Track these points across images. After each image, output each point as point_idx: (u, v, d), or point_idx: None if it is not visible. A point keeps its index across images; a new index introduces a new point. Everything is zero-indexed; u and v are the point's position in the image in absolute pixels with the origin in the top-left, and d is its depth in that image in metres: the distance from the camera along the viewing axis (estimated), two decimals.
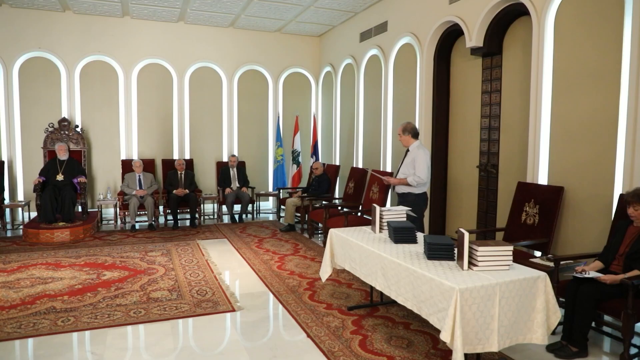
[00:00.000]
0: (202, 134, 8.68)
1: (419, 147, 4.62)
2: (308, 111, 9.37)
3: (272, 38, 8.98)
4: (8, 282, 4.54)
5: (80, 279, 4.65)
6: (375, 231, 3.81)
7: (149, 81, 8.29)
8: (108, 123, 8.08)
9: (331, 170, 7.58)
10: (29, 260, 5.33)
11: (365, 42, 7.49)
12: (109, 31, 7.92)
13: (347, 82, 8.22)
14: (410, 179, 4.48)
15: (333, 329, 3.48)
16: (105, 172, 8.10)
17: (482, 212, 5.44)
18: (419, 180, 4.47)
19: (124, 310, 3.83)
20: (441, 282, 2.52)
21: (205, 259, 5.44)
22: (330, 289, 4.37)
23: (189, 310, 3.86)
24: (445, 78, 5.99)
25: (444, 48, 5.88)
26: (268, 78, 9.08)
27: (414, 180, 4.47)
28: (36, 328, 3.48)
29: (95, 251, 5.75)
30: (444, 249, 2.91)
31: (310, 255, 5.67)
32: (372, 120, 7.35)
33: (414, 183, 4.48)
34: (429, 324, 3.46)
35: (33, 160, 7.59)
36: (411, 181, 4.48)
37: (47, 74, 7.71)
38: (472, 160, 5.58)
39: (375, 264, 3.23)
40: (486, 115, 5.33)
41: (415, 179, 4.47)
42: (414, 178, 4.47)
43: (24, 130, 7.62)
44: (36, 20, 7.52)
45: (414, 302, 2.79)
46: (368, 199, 6.12)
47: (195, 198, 7.40)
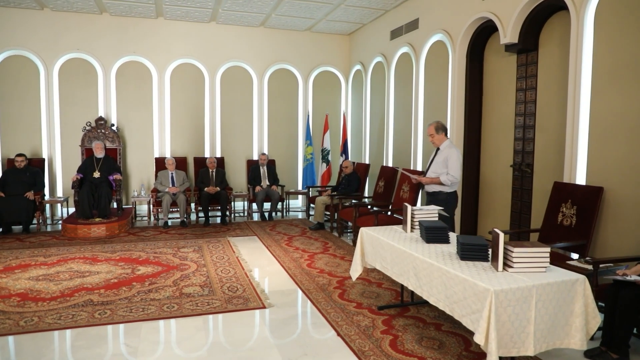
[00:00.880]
0: (233, 132, 8.79)
1: (451, 145, 4.56)
2: (338, 110, 9.36)
3: (302, 37, 9.00)
4: (49, 274, 4.71)
5: (115, 273, 4.78)
6: (406, 230, 3.77)
7: (182, 81, 8.45)
8: (142, 122, 8.28)
9: (361, 169, 7.55)
10: (68, 254, 5.51)
11: (395, 39, 7.42)
12: (143, 32, 8.11)
13: (377, 80, 8.17)
14: (444, 178, 4.43)
15: (363, 328, 3.47)
16: (139, 170, 8.30)
17: (515, 212, 5.32)
18: (453, 180, 4.41)
19: (158, 305, 3.92)
20: (475, 283, 2.47)
21: (235, 255, 5.51)
22: (360, 288, 4.35)
23: (220, 306, 3.92)
24: (478, 76, 5.87)
25: (477, 45, 5.77)
26: (298, 77, 9.12)
27: (448, 180, 4.41)
28: (75, 320, 3.60)
29: (129, 246, 5.90)
30: (477, 250, 2.86)
31: (340, 253, 5.66)
32: (403, 118, 7.28)
33: (448, 182, 4.42)
34: (460, 326, 3.41)
35: (71, 157, 7.86)
36: (445, 180, 4.42)
37: (85, 75, 7.96)
38: (505, 159, 5.45)
39: (407, 264, 3.19)
40: (521, 113, 5.20)
41: (449, 178, 4.41)
42: (448, 177, 4.41)
43: (63, 129, 7.88)
44: (75, 23, 7.76)
45: (446, 303, 2.75)
46: (398, 198, 6.07)
47: (226, 196, 7.50)
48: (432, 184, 4.56)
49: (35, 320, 3.58)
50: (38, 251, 5.64)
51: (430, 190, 4.61)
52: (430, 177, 4.58)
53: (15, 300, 4.00)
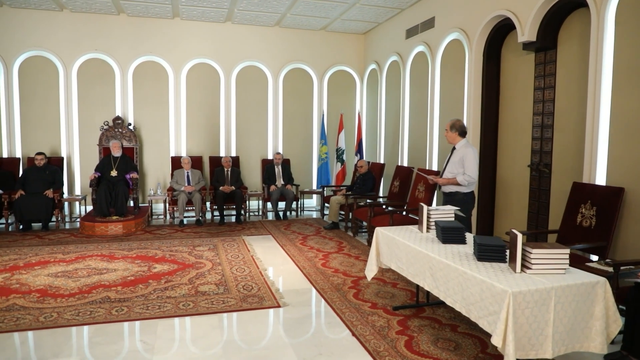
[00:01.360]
0: (248, 131, 8.83)
1: (467, 145, 4.51)
2: (353, 109, 9.34)
3: (317, 36, 9.00)
4: (67, 271, 4.78)
5: (132, 270, 4.84)
6: (422, 231, 3.74)
7: (197, 80, 8.52)
8: (158, 121, 8.37)
9: (376, 169, 7.52)
10: (86, 251, 5.60)
11: (411, 38, 7.37)
12: (160, 32, 8.19)
13: (392, 79, 8.13)
14: (460, 178, 4.38)
15: (378, 328, 3.45)
16: (156, 169, 8.38)
17: (533, 213, 5.24)
18: (470, 180, 4.37)
19: (174, 303, 3.95)
20: (492, 285, 2.44)
21: (250, 254, 5.54)
22: (375, 288, 4.34)
23: (235, 304, 3.94)
24: (495, 74, 5.81)
25: (494, 43, 5.70)
26: (313, 76, 9.12)
27: (465, 180, 4.37)
28: (92, 316, 3.65)
29: (146, 244, 5.97)
30: (495, 251, 2.82)
31: (355, 253, 5.65)
32: (418, 118, 7.23)
33: (465, 182, 4.38)
34: (477, 327, 3.37)
35: (89, 156, 7.97)
36: (461, 180, 4.38)
37: (103, 75, 8.07)
38: (523, 159, 5.38)
39: (423, 264, 3.17)
40: (539, 113, 5.12)
41: (466, 178, 4.37)
42: (464, 177, 4.37)
43: (81, 128, 8.01)
44: (93, 24, 7.88)
45: (462, 304, 2.72)
46: (414, 198, 6.03)
47: (241, 195, 7.54)
48: (449, 185, 4.51)
49: (54, 316, 3.64)
50: (57, 248, 5.73)
51: (447, 191, 4.56)
52: (447, 177, 4.54)
53: (35, 296, 4.07)
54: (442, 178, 4.57)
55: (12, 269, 4.87)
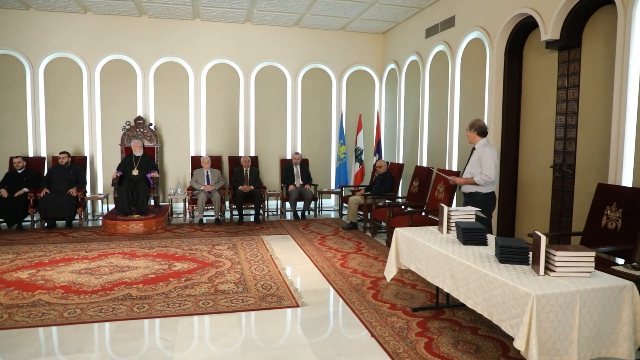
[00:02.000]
0: (267, 131, 8.87)
1: (486, 144, 4.46)
2: (371, 109, 9.30)
3: (336, 36, 8.99)
4: (90, 268, 4.87)
5: (153, 268, 4.90)
6: (442, 231, 3.71)
7: (217, 81, 8.59)
8: (179, 121, 8.47)
9: (395, 169, 7.48)
10: (108, 249, 5.69)
11: (431, 38, 7.31)
12: (180, 34, 8.28)
13: (411, 79, 8.07)
14: (477, 178, 4.33)
15: (397, 329, 3.43)
16: (176, 168, 8.48)
17: (555, 214, 5.15)
18: (487, 179, 4.31)
19: (194, 301, 3.99)
20: (515, 287, 2.40)
21: (269, 254, 5.56)
22: (394, 289, 4.31)
23: (255, 303, 3.96)
24: (517, 74, 5.72)
25: (516, 42, 5.62)
26: (332, 76, 9.12)
27: (482, 179, 4.32)
28: (115, 313, 3.71)
29: (166, 243, 6.04)
30: (517, 252, 2.78)
31: (373, 254, 5.63)
32: (438, 118, 7.17)
33: (482, 182, 4.33)
34: (498, 330, 3.33)
35: (111, 155, 8.11)
36: (478, 180, 4.33)
37: (125, 75, 8.20)
38: (545, 160, 5.28)
39: (443, 266, 3.14)
40: (562, 112, 5.03)
41: (483, 178, 4.31)
42: (481, 177, 4.32)
43: (104, 128, 8.15)
44: (116, 26, 8.01)
45: (484, 306, 2.68)
46: (433, 198, 5.98)
47: (260, 194, 7.58)
48: (468, 185, 4.47)
49: (77, 312, 3.72)
50: (80, 246, 5.85)
51: (467, 191, 4.51)
52: (465, 177, 4.49)
53: (59, 292, 4.16)
54: (461, 178, 4.53)
55: (38, 265, 4.99)
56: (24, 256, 5.34)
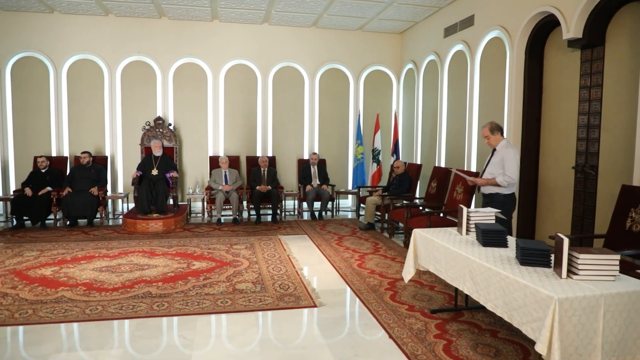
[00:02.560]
0: (284, 131, 8.90)
1: (508, 145, 4.41)
2: (389, 109, 9.27)
3: (354, 36, 8.98)
4: (111, 266, 4.96)
5: (172, 267, 4.96)
6: (461, 233, 3.67)
7: (235, 81, 8.65)
8: (197, 121, 8.55)
9: (412, 169, 7.43)
10: (128, 247, 5.78)
11: (449, 37, 7.24)
12: (199, 35, 8.37)
13: (429, 79, 8.01)
14: (500, 179, 4.28)
15: (416, 331, 3.41)
16: (194, 168, 8.57)
17: (577, 216, 5.05)
18: (510, 181, 4.26)
19: (212, 300, 4.02)
20: (537, 290, 2.37)
21: (286, 254, 5.58)
22: (412, 290, 4.28)
23: (272, 303, 3.97)
24: (538, 73, 5.63)
25: (537, 41, 5.53)
26: (349, 76, 9.10)
27: (504, 181, 4.27)
28: (135, 310, 3.77)
29: (185, 242, 6.11)
30: (539, 255, 2.73)
31: (391, 255, 5.60)
32: (456, 118, 7.10)
33: (505, 183, 4.28)
34: (518, 333, 3.28)
35: (131, 155, 8.23)
36: (501, 181, 4.28)
37: (145, 76, 8.31)
38: (567, 161, 5.19)
39: (463, 267, 3.11)
40: (584, 112, 4.93)
41: (506, 179, 4.26)
42: (504, 178, 4.27)
43: (124, 128, 8.28)
44: (136, 27, 8.13)
45: (504, 309, 2.65)
46: (452, 199, 5.93)
47: (277, 194, 7.61)
48: (488, 186, 4.42)
49: (99, 309, 3.78)
50: (101, 244, 5.95)
51: (487, 192, 4.47)
52: (486, 178, 4.44)
53: (81, 289, 4.24)
54: (481, 179, 4.48)
55: (60, 262, 5.09)
56: (47, 253, 5.46)
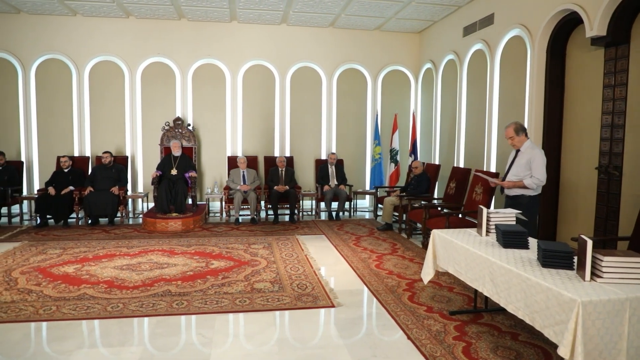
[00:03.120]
0: (302, 132, 8.92)
1: (533, 146, 4.34)
2: (407, 109, 9.21)
3: (371, 36, 8.95)
4: (131, 265, 5.03)
5: (191, 266, 5.01)
6: (481, 234, 3.63)
7: (253, 82, 8.70)
8: (216, 122, 8.63)
9: (431, 170, 7.37)
10: (148, 246, 5.86)
11: (469, 36, 7.17)
12: (217, 36, 8.44)
13: (448, 78, 7.94)
14: (528, 181, 4.21)
15: (434, 332, 3.38)
16: (213, 168, 8.65)
17: (600, 218, 4.95)
18: (538, 182, 4.20)
19: (231, 299, 4.05)
20: (560, 293, 2.33)
21: (304, 254, 5.59)
22: (431, 292, 4.25)
23: (290, 303, 3.98)
24: (559, 72, 5.54)
25: (559, 39, 5.44)
26: (367, 76, 9.08)
27: (533, 183, 4.20)
28: (155, 308, 3.81)
29: (203, 241, 6.16)
30: (561, 257, 2.68)
31: (409, 255, 5.57)
32: (476, 118, 7.03)
33: (533, 185, 4.21)
34: (539, 337, 3.23)
35: (151, 155, 8.35)
36: (529, 183, 4.21)
37: (164, 77, 8.43)
38: (590, 162, 5.09)
39: (483, 269, 3.07)
40: (608, 112, 4.83)
41: (534, 181, 4.20)
42: (533, 180, 4.20)
43: (144, 128, 8.40)
44: (156, 29, 8.24)
45: (526, 311, 2.61)
46: (471, 200, 5.86)
47: (295, 194, 7.63)
48: (514, 188, 4.35)
49: (120, 306, 3.84)
50: (122, 242, 6.04)
51: (512, 194, 4.39)
52: (512, 180, 4.37)
53: (102, 287, 4.31)
54: (508, 181, 4.40)
55: (82, 260, 5.19)
56: (70, 251, 5.57)
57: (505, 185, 4.42)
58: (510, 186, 4.36)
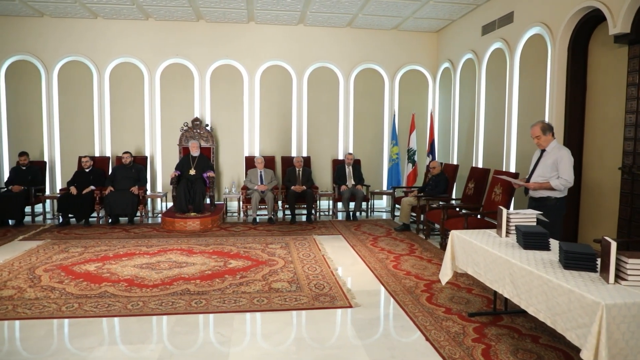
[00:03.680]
0: (319, 132, 8.93)
1: (560, 147, 4.25)
2: (425, 109, 9.14)
3: (389, 36, 8.91)
4: (151, 263, 5.10)
5: (209, 265, 5.05)
6: (501, 235, 3.58)
7: (271, 82, 8.74)
8: (233, 122, 8.69)
9: (449, 170, 7.31)
10: (167, 245, 5.93)
11: (487, 35, 7.09)
12: (235, 37, 8.50)
13: (466, 78, 7.86)
14: (556, 183, 4.13)
15: (453, 334, 3.35)
16: (230, 168, 8.71)
17: (624, 219, 4.84)
18: (566, 184, 4.11)
19: (248, 298, 4.07)
20: (582, 295, 2.28)
21: (321, 254, 5.59)
22: (449, 293, 4.21)
23: (308, 302, 3.99)
24: (581, 70, 5.44)
25: (580, 37, 5.34)
26: (384, 76, 9.04)
27: (561, 184, 4.11)
28: (174, 307, 3.86)
29: (221, 241, 6.21)
30: (584, 259, 2.63)
31: (427, 256, 5.53)
32: (495, 117, 6.94)
33: (561, 187, 4.12)
34: (561, 340, 3.18)
35: (170, 155, 8.45)
36: (557, 185, 4.12)
37: (183, 78, 8.52)
38: (613, 162, 4.99)
39: (503, 270, 3.03)
40: (632, 111, 4.72)
41: (562, 182, 4.11)
42: (561, 181, 4.11)
43: (163, 129, 8.51)
44: (174, 31, 8.34)
45: (547, 314, 2.57)
46: (490, 200, 5.79)
47: (312, 194, 7.63)
48: (541, 189, 4.26)
49: (140, 304, 3.89)
50: (141, 241, 6.13)
51: (537, 196, 4.29)
52: (538, 182, 4.29)
53: (123, 285, 4.38)
54: (533, 182, 4.32)
55: (103, 259, 5.28)
56: (91, 250, 5.66)
57: (530, 187, 4.31)
58: (536, 187, 4.26)
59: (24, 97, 8.20)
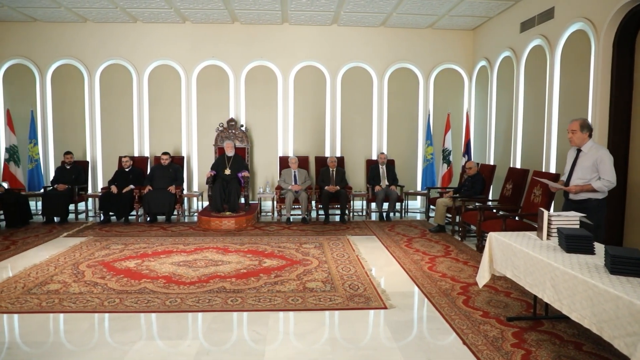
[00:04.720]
0: (353, 132, 8.91)
1: (598, 147, 4.10)
2: (460, 108, 8.99)
3: (423, 34, 8.80)
4: (188, 261, 5.21)
5: (244, 264, 5.12)
6: (542, 237, 3.48)
7: (304, 83, 8.78)
8: (268, 122, 8.78)
9: (485, 171, 7.15)
10: (203, 243, 6.04)
11: (526, 32, 6.90)
12: (269, 38, 8.58)
13: (504, 76, 7.68)
14: (598, 184, 3.98)
15: (491, 339, 3.27)
16: (264, 168, 8.80)
17: None
18: (609, 185, 3.97)
19: (283, 297, 4.10)
20: (631, 302, 2.19)
21: (355, 254, 5.57)
22: (486, 296, 4.12)
23: (342, 303, 3.98)
24: (628, 67, 5.21)
25: (626, 33, 5.12)
26: (419, 75, 8.94)
27: (604, 185, 3.97)
28: (211, 304, 3.93)
29: (256, 240, 6.28)
30: (632, 264, 2.52)
31: (463, 258, 5.43)
32: (534, 117, 6.75)
33: (604, 188, 3.98)
34: (606, 347, 3.06)
35: (206, 155, 8.61)
36: (599, 186, 3.98)
37: (218, 80, 8.67)
38: None
39: (544, 274, 2.94)
40: None
41: (605, 184, 3.97)
42: (603, 183, 3.97)
43: (199, 129, 8.68)
44: (210, 33, 8.50)
45: (592, 320, 2.48)
46: (529, 202, 5.63)
47: (346, 195, 7.62)
48: (582, 192, 4.12)
49: (178, 301, 3.98)
50: (178, 240, 6.27)
51: (577, 199, 4.14)
52: (579, 184, 4.14)
53: (161, 282, 4.49)
54: (574, 186, 4.17)
55: (142, 256, 5.43)
56: (130, 247, 5.84)
57: (572, 191, 4.16)
58: (578, 191, 4.11)
59: (69, 99, 8.54)
